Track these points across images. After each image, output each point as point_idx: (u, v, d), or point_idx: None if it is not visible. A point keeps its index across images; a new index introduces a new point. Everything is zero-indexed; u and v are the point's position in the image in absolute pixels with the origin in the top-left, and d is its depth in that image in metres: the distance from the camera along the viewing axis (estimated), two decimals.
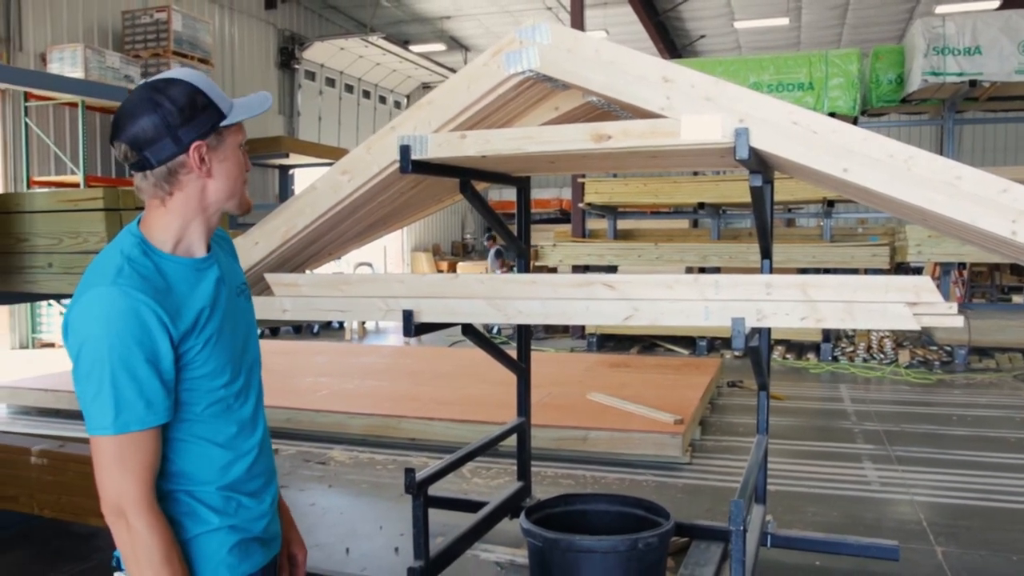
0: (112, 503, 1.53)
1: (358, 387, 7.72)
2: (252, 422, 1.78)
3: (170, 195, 1.66)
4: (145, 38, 13.41)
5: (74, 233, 3.93)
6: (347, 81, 21.81)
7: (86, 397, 1.53)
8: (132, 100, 1.64)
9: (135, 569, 1.53)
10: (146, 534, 1.52)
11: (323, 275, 3.62)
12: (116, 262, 1.57)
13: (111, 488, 1.53)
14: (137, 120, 1.61)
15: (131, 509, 1.52)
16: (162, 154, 1.63)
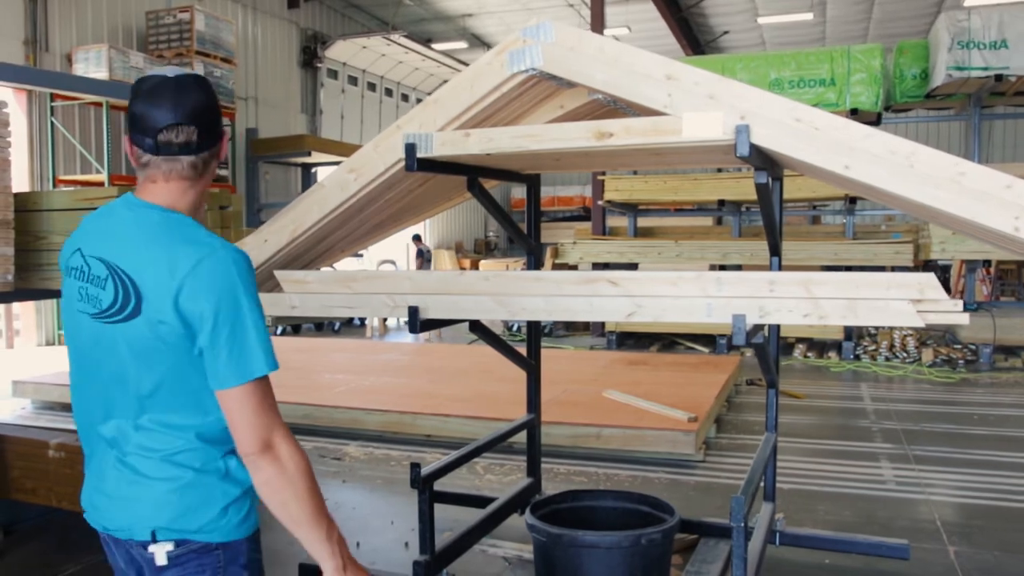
0: (262, 440, 1.65)
1: (375, 384, 7.77)
2: None
3: (200, 179, 1.79)
4: (169, 38, 13.57)
5: None
6: (369, 79, 21.94)
7: (227, 348, 1.62)
8: (191, 86, 1.74)
9: (294, 490, 1.68)
10: (299, 455, 1.69)
11: (331, 272, 3.66)
12: (203, 229, 1.72)
13: (262, 426, 1.65)
14: (205, 104, 1.75)
15: (281, 439, 1.67)
16: (213, 139, 1.79)
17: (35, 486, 4.36)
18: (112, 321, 1.68)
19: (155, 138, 1.69)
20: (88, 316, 1.72)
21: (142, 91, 1.71)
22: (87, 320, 1.72)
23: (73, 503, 4.24)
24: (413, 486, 3.33)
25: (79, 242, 1.75)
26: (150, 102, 1.69)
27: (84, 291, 1.72)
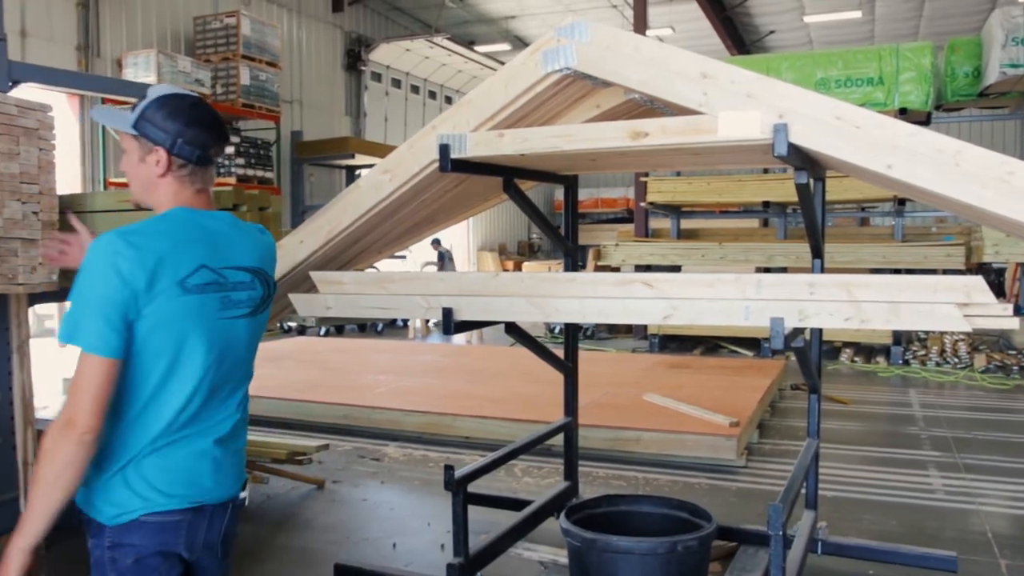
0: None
1: (415, 385, 7.79)
2: None
3: None
4: (216, 43, 13.77)
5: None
6: (413, 82, 22.07)
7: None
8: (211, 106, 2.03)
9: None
10: None
11: (366, 273, 3.67)
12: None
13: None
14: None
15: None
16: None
17: None
18: (256, 313, 2.04)
19: (205, 152, 1.93)
20: (238, 317, 1.96)
21: (183, 109, 1.90)
22: (229, 322, 1.93)
23: None
24: (447, 488, 3.32)
25: (194, 260, 1.85)
26: (199, 121, 1.91)
27: (227, 298, 1.93)
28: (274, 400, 7.13)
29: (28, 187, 3.82)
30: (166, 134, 1.88)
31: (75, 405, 1.73)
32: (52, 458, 1.73)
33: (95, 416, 1.74)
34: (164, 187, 1.93)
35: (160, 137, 1.88)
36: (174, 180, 1.92)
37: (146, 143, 1.90)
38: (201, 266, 1.86)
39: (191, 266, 1.84)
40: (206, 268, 1.87)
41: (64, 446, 1.72)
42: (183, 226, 1.88)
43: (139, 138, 1.91)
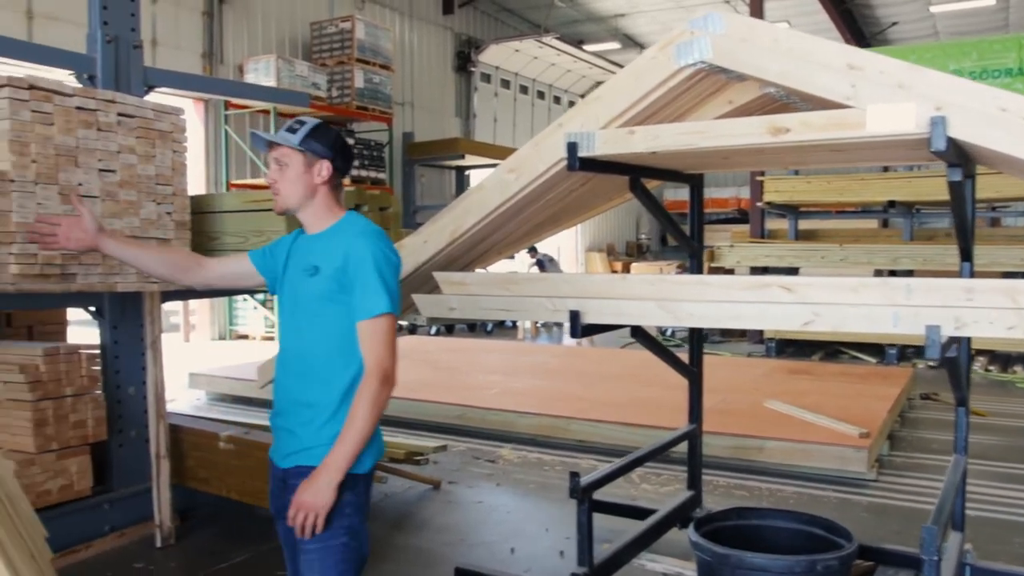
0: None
1: (527, 386, 7.75)
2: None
3: None
4: (331, 47, 14.10)
5: (258, 231, 4.14)
6: (522, 82, 22.10)
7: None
8: None
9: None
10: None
11: (490, 274, 3.63)
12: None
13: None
14: None
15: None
16: None
17: (208, 476, 4.56)
18: None
19: (348, 167, 2.45)
20: None
21: (335, 134, 2.40)
22: None
23: (242, 494, 4.40)
24: (572, 496, 3.23)
25: None
26: (345, 144, 2.43)
27: None
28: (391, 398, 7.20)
29: (162, 188, 3.94)
30: (329, 150, 2.35)
31: (390, 360, 2.23)
32: (376, 406, 2.18)
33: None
34: (322, 193, 2.37)
35: (325, 152, 2.34)
36: (329, 188, 2.38)
37: (311, 157, 2.33)
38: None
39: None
40: None
41: (385, 395, 2.20)
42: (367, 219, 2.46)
43: (305, 153, 2.33)
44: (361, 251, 2.24)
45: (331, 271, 2.27)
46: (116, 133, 3.72)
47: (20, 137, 3.36)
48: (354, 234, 2.31)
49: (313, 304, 2.31)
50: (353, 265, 2.24)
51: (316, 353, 2.29)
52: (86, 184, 3.61)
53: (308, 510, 2.15)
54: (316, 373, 2.28)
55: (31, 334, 5.54)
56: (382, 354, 2.20)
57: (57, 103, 3.50)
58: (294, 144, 2.32)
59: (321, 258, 2.31)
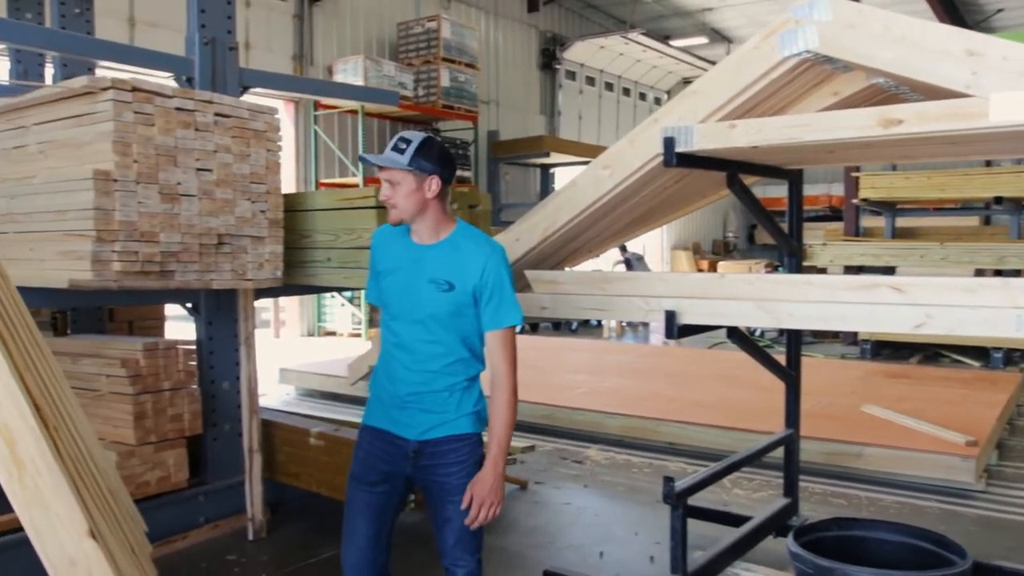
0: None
1: (615, 386, 7.64)
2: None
3: None
4: (417, 47, 14.21)
5: (350, 230, 4.15)
6: (607, 79, 21.91)
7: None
8: None
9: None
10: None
11: (583, 272, 3.56)
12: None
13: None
14: None
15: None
16: None
17: (298, 471, 4.61)
18: None
19: (453, 176, 2.59)
20: None
21: (439, 147, 2.53)
22: None
23: (331, 489, 4.44)
24: (666, 501, 3.14)
25: None
26: (449, 155, 2.57)
27: None
28: None
29: (257, 187, 3.99)
30: (436, 166, 2.48)
31: (516, 374, 2.57)
32: (513, 408, 2.54)
33: None
34: (434, 205, 2.52)
35: (432, 168, 2.48)
36: (439, 200, 2.53)
37: (420, 175, 2.47)
38: None
39: None
40: None
41: (516, 397, 2.55)
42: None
43: (414, 172, 2.47)
44: (498, 269, 2.53)
45: (469, 287, 2.51)
46: (213, 133, 3.79)
47: (123, 138, 3.45)
48: (487, 253, 2.54)
49: (446, 315, 2.54)
50: (491, 282, 2.51)
51: (448, 354, 2.56)
52: (184, 183, 3.68)
53: (488, 503, 2.50)
54: (448, 369, 2.56)
55: (131, 329, 5.72)
56: (513, 360, 2.56)
57: (158, 104, 3.57)
58: (403, 165, 2.46)
59: (454, 274, 2.52)
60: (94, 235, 3.37)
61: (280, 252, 4.17)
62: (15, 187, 3.80)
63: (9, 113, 3.97)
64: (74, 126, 3.60)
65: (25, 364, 1.68)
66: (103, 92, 3.44)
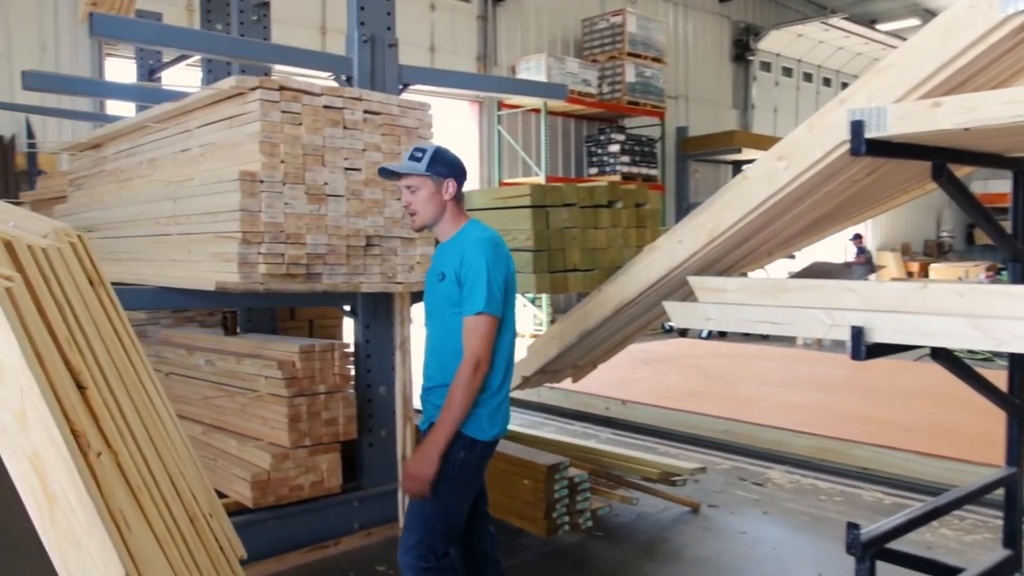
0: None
1: (805, 401, 7.00)
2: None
3: None
4: (602, 42, 13.91)
5: (505, 230, 3.91)
6: (805, 69, 20.69)
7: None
8: None
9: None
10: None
11: (754, 280, 3.12)
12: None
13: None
14: None
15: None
16: None
17: None
18: None
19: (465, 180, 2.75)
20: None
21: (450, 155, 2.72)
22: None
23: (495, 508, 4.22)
24: (850, 552, 2.66)
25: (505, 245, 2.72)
26: (461, 162, 2.75)
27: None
28: (650, 407, 6.81)
29: None
30: (451, 170, 2.68)
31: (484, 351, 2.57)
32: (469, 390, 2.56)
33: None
34: (450, 208, 2.70)
35: (448, 172, 2.67)
36: (455, 203, 2.71)
37: (437, 179, 2.65)
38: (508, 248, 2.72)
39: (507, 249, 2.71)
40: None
41: (477, 381, 2.56)
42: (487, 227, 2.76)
43: (432, 177, 2.65)
44: (475, 256, 2.57)
45: (452, 275, 2.61)
46: (362, 131, 3.66)
47: (270, 138, 3.37)
48: (470, 240, 2.63)
49: (442, 305, 2.67)
50: (466, 268, 2.58)
51: (448, 348, 2.64)
52: (331, 183, 3.57)
53: (415, 479, 2.56)
54: (450, 363, 2.61)
55: (311, 328, 5.80)
56: (476, 345, 2.54)
57: (306, 103, 3.48)
58: (421, 171, 2.64)
59: (446, 264, 2.66)
60: (240, 237, 3.32)
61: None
62: (178, 189, 3.85)
63: (178, 117, 4.03)
64: (227, 128, 3.58)
65: (90, 377, 1.53)
66: (251, 92, 3.38)
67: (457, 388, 2.54)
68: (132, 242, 4.36)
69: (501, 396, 2.70)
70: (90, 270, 1.83)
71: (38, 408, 1.29)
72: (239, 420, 4.47)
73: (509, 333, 2.69)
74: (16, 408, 1.29)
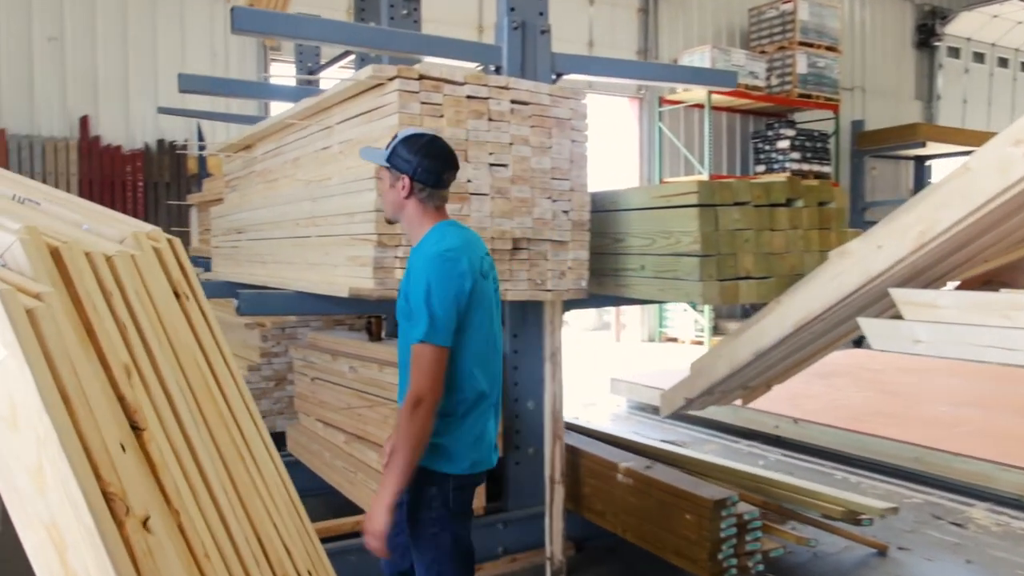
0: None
1: (1012, 427, 6.11)
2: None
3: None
4: (771, 32, 13.10)
5: (666, 232, 3.48)
6: (1000, 54, 18.84)
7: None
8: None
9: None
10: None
11: (977, 294, 2.55)
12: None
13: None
14: None
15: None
16: None
17: (603, 508, 4.04)
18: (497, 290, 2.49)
19: (439, 177, 2.37)
20: (496, 292, 2.46)
21: (421, 145, 2.36)
22: (496, 301, 2.45)
23: (638, 536, 3.81)
24: None
25: (478, 253, 2.39)
26: (432, 153, 2.36)
27: (496, 281, 2.48)
28: (826, 428, 6.15)
29: (558, 183, 3.47)
30: (409, 164, 2.34)
31: (425, 384, 2.25)
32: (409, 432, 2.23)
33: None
34: (410, 206, 2.39)
35: (404, 167, 2.35)
36: (416, 201, 2.37)
37: (395, 172, 2.36)
38: (483, 256, 2.40)
39: (478, 258, 2.36)
40: (485, 258, 2.42)
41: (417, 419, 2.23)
42: (464, 233, 2.43)
43: (390, 169, 2.37)
44: (418, 275, 2.27)
45: (403, 288, 2.38)
46: (509, 123, 3.32)
47: None
48: (420, 255, 2.32)
49: (403, 324, 2.38)
50: (411, 287, 2.30)
51: (404, 365, 2.37)
52: (475, 180, 3.26)
53: (366, 533, 2.25)
54: (405, 385, 2.32)
55: None
56: (415, 379, 2.23)
57: (447, 93, 3.18)
58: (381, 161, 2.41)
59: (405, 279, 2.39)
60: (375, 239, 3.06)
61: (585, 259, 3.61)
62: (316, 189, 3.65)
63: (319, 114, 3.85)
64: (366, 122, 3.34)
65: (156, 414, 1.25)
66: (389, 82, 3.12)
67: (398, 429, 2.24)
68: (276, 244, 4.23)
69: (473, 421, 2.37)
70: (178, 280, 1.56)
71: (57, 464, 1.00)
72: (380, 432, 4.25)
73: (480, 346, 2.36)
74: (32, 464, 1.01)
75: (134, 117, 9.48)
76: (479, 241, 2.48)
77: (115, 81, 9.44)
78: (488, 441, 2.44)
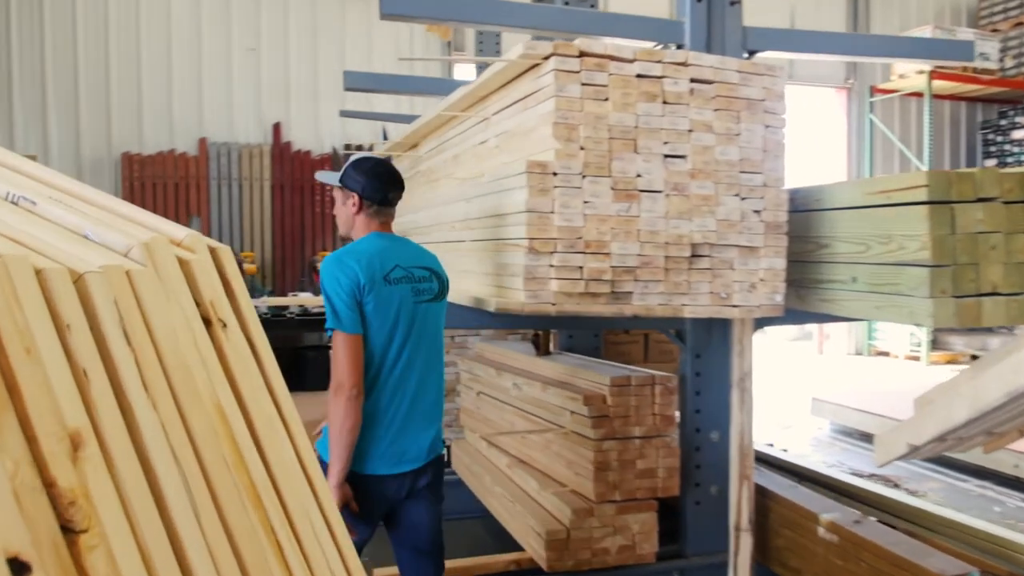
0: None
1: None
2: None
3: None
4: (1005, 6, 11.58)
5: (885, 237, 2.81)
6: None
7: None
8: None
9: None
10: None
11: None
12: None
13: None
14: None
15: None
16: None
17: (800, 566, 3.39)
18: (434, 302, 2.63)
19: (387, 196, 2.63)
20: (424, 303, 2.59)
21: (367, 168, 2.61)
22: (421, 306, 2.58)
23: None
24: None
25: (391, 262, 2.54)
26: (377, 175, 2.61)
27: (417, 288, 2.58)
28: None
29: (748, 177, 2.89)
30: (358, 183, 2.59)
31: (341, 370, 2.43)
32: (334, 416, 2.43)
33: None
34: (359, 222, 2.63)
35: (354, 186, 2.59)
36: (365, 217, 2.62)
37: (347, 191, 2.61)
38: (395, 265, 2.54)
39: (384, 267, 2.50)
40: (399, 267, 2.55)
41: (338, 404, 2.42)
42: (381, 244, 2.58)
43: (343, 188, 2.63)
44: (321, 275, 2.49)
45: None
46: (688, 106, 2.79)
47: (566, 118, 2.64)
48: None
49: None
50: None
51: None
52: (646, 174, 2.74)
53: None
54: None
55: (646, 346, 5.13)
56: (334, 367, 2.43)
57: (613, 71, 2.69)
58: (334, 182, 2.64)
59: None
60: (527, 244, 2.62)
61: (782, 268, 3.01)
62: (469, 188, 3.27)
63: (476, 104, 3.47)
64: (521, 111, 2.92)
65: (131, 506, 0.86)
66: (544, 62, 2.68)
67: (330, 419, 2.43)
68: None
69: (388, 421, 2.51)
70: (212, 302, 1.18)
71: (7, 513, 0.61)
72: (543, 457, 3.83)
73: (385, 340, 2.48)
74: None
75: (322, 122, 9.63)
76: (407, 253, 2.61)
77: (305, 88, 9.63)
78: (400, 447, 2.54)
